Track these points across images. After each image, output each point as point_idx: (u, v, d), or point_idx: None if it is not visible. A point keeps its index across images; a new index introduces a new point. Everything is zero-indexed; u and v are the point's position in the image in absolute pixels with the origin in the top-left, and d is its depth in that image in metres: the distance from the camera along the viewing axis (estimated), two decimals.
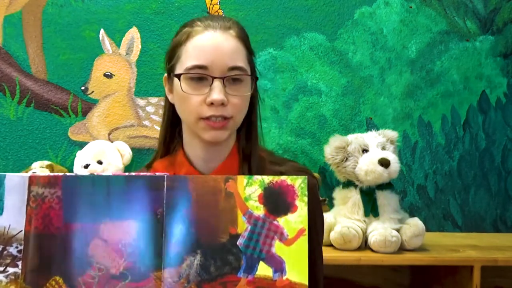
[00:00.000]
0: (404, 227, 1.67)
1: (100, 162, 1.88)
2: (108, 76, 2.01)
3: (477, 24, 2.13)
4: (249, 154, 1.11)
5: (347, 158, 1.73)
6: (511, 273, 1.91)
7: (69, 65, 2.00)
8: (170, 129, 1.14)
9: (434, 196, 2.10)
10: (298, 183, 0.80)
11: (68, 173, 0.81)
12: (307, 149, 2.07)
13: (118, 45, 2.02)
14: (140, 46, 2.02)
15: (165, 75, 1.11)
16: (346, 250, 1.65)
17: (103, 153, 1.90)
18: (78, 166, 1.90)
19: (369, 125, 2.07)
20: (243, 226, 0.80)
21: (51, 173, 1.12)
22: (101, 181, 0.81)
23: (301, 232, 0.80)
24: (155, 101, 2.01)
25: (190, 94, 1.02)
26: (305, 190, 0.80)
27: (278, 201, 0.80)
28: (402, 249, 1.66)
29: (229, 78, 1.03)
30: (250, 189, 0.80)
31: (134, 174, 0.83)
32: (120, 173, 0.83)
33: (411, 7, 2.11)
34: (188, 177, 0.82)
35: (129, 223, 0.80)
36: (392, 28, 2.11)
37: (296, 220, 0.80)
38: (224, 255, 0.79)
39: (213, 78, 1.02)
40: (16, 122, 1.99)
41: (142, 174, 0.83)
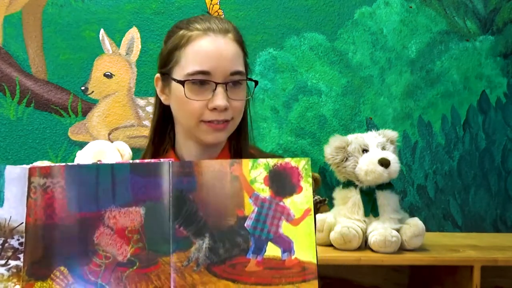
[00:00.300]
0: (404, 227, 1.67)
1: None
2: (108, 76, 2.01)
3: (477, 24, 2.13)
4: (239, 151, 1.12)
5: (347, 158, 1.73)
6: (511, 273, 1.91)
7: (69, 65, 2.00)
8: (160, 128, 1.15)
9: (434, 196, 2.11)
10: (302, 164, 0.82)
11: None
12: (307, 149, 2.07)
13: (118, 45, 2.02)
14: (140, 46, 2.02)
15: (157, 75, 1.11)
16: (346, 250, 1.65)
17: (103, 153, 1.90)
18: None
19: (369, 125, 2.07)
20: (250, 208, 0.81)
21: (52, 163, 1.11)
22: (105, 169, 0.81)
23: (307, 212, 0.80)
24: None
25: (193, 100, 1.03)
26: (309, 172, 0.81)
27: (283, 183, 0.81)
28: (402, 249, 1.66)
29: (230, 82, 1.04)
30: (256, 172, 0.81)
31: (138, 161, 0.83)
32: (124, 161, 0.83)
33: (411, 7, 2.11)
34: (193, 162, 0.82)
35: (135, 209, 0.80)
36: (392, 28, 2.11)
37: (301, 200, 0.81)
38: (233, 237, 0.80)
39: (216, 84, 1.03)
40: (16, 122, 1.99)
41: (147, 161, 0.83)
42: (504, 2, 2.14)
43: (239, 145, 1.13)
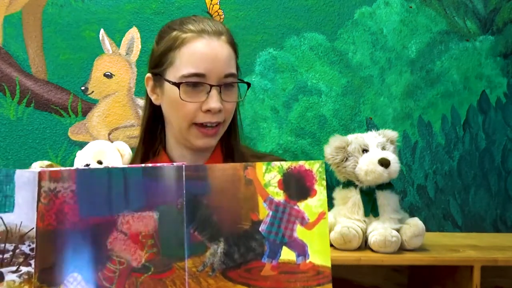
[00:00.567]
0: (404, 227, 1.67)
1: (100, 162, 1.87)
2: (108, 76, 2.01)
3: (477, 24, 2.13)
4: (231, 151, 1.12)
5: (347, 158, 1.73)
6: (511, 273, 1.91)
7: (69, 65, 2.00)
8: (151, 128, 1.15)
9: (434, 196, 2.11)
10: (316, 167, 0.82)
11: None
12: (307, 149, 2.07)
13: (118, 45, 2.02)
14: (140, 46, 2.02)
15: (148, 75, 1.11)
16: (346, 250, 1.64)
17: (103, 153, 1.89)
18: (78, 166, 1.89)
19: (369, 125, 2.07)
20: (264, 212, 0.81)
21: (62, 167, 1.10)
22: (117, 173, 0.80)
23: (321, 215, 0.81)
24: None
25: (187, 102, 1.03)
26: (323, 174, 0.82)
27: (297, 186, 0.81)
28: (402, 249, 1.65)
29: (224, 85, 1.04)
30: (269, 175, 0.81)
31: (151, 165, 0.82)
32: (136, 165, 0.83)
33: (411, 7, 2.11)
34: (206, 166, 0.82)
35: (149, 214, 0.79)
36: (392, 28, 2.11)
37: (316, 204, 0.81)
38: (248, 242, 0.80)
39: (211, 86, 1.03)
40: (16, 122, 1.99)
41: (159, 164, 0.83)
42: (504, 2, 2.14)
43: (230, 144, 1.14)
